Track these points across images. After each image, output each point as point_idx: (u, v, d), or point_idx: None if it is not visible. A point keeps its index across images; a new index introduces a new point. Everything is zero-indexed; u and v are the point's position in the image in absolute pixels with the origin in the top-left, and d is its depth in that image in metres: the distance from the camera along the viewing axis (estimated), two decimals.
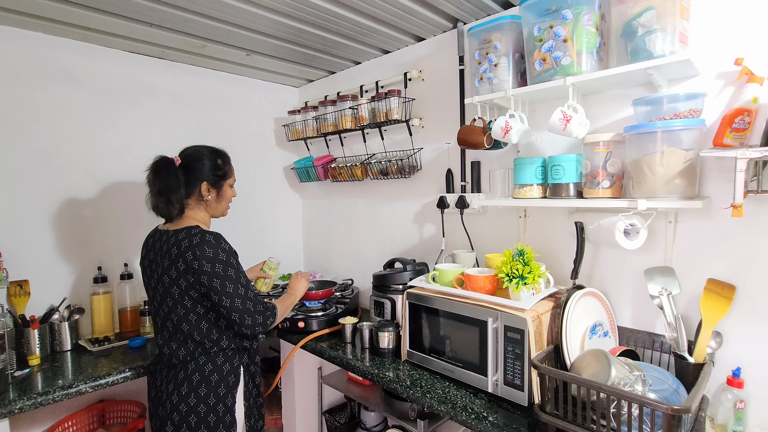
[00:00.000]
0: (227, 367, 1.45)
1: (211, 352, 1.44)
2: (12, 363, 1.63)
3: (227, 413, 1.42)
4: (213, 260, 1.37)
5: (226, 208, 1.62)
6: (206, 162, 1.52)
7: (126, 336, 2.01)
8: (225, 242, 1.44)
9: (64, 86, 1.98)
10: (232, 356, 1.48)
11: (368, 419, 2.17)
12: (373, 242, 2.47)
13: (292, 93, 2.90)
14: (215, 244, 1.40)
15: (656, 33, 1.22)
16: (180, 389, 1.39)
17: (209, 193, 1.52)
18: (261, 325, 1.45)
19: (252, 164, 2.68)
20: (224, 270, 1.39)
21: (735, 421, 1.23)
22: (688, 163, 1.23)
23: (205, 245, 1.38)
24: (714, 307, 1.27)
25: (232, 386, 1.45)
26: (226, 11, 1.74)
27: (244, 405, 1.50)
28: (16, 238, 1.86)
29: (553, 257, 1.68)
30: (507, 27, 1.53)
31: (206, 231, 1.43)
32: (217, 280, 1.37)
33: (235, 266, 1.43)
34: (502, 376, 1.39)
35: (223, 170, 1.56)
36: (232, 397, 1.44)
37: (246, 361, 1.54)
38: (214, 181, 1.53)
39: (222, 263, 1.39)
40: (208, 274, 1.36)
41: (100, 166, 2.08)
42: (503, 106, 1.70)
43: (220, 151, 1.59)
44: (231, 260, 1.42)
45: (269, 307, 1.50)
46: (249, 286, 1.46)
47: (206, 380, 1.40)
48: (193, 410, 1.37)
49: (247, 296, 1.43)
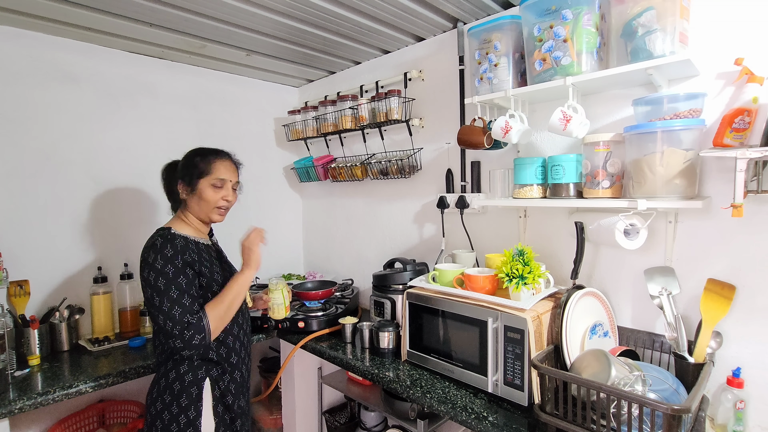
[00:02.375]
0: (189, 377, 1.34)
1: (176, 359, 1.36)
2: (12, 363, 1.63)
3: (189, 426, 1.32)
4: (150, 267, 1.30)
5: (209, 211, 1.45)
6: (184, 160, 1.47)
7: (126, 336, 2.01)
8: (172, 248, 1.32)
9: (64, 86, 1.98)
10: (198, 366, 1.36)
11: (368, 419, 2.17)
12: (373, 242, 2.47)
13: (292, 93, 2.90)
14: (159, 248, 1.31)
15: (656, 33, 1.22)
16: (152, 391, 1.37)
17: (183, 191, 1.45)
18: (183, 348, 1.27)
19: (252, 164, 2.67)
20: (155, 279, 1.29)
21: (735, 421, 1.23)
22: (688, 163, 1.23)
23: (150, 249, 1.32)
24: (714, 307, 1.27)
25: (195, 399, 1.34)
26: (226, 11, 1.74)
27: (214, 420, 1.37)
28: (16, 238, 1.86)
29: (553, 257, 1.68)
30: (507, 27, 1.53)
31: (163, 234, 1.35)
32: (148, 289, 1.30)
33: (169, 276, 1.29)
34: (502, 376, 1.39)
35: (199, 168, 1.43)
36: (195, 410, 1.33)
37: (215, 374, 1.39)
38: (188, 181, 1.43)
39: (156, 271, 1.29)
40: (144, 280, 1.31)
41: (100, 166, 2.08)
42: (503, 106, 1.70)
43: (205, 149, 1.49)
44: (167, 269, 1.29)
45: (192, 324, 1.28)
46: (180, 300, 1.28)
47: (169, 387, 1.34)
48: (159, 416, 1.33)
49: (170, 313, 1.27)
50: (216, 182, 1.44)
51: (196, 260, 1.38)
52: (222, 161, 1.48)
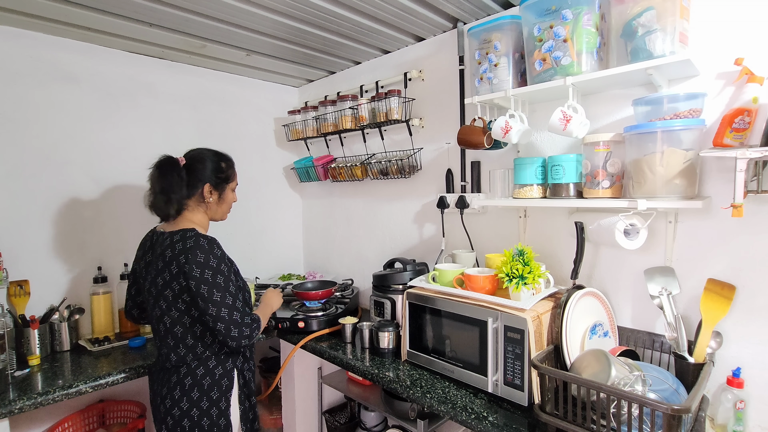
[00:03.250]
0: (219, 370, 1.43)
1: (203, 356, 1.42)
2: (12, 363, 1.63)
3: (221, 417, 1.40)
4: (203, 266, 1.35)
5: (226, 211, 1.61)
6: (209, 164, 1.52)
7: (126, 336, 2.01)
8: (218, 248, 1.41)
9: (64, 86, 1.98)
10: (225, 359, 1.45)
11: (368, 419, 2.17)
12: (373, 242, 2.47)
13: (292, 93, 2.90)
14: (208, 249, 1.37)
15: (656, 33, 1.22)
16: (173, 393, 1.38)
17: (211, 195, 1.51)
18: (247, 337, 1.39)
19: (252, 164, 2.68)
20: (213, 277, 1.35)
21: (735, 421, 1.23)
22: (688, 163, 1.23)
23: (198, 249, 1.36)
24: (714, 307, 1.27)
25: (225, 390, 1.43)
26: (226, 11, 1.74)
27: (239, 408, 1.47)
28: (16, 238, 1.86)
29: (553, 257, 1.68)
30: (507, 27, 1.53)
31: (201, 235, 1.41)
32: (205, 287, 1.34)
33: (225, 274, 1.39)
34: (502, 376, 1.39)
35: (227, 173, 1.56)
36: (226, 401, 1.42)
37: (240, 364, 1.50)
38: (216, 184, 1.52)
39: (212, 270, 1.36)
40: (196, 279, 1.34)
41: (100, 166, 2.08)
42: (503, 106, 1.70)
43: (225, 155, 1.60)
44: (221, 267, 1.38)
45: (255, 318, 1.45)
46: (238, 296, 1.42)
47: (198, 384, 1.39)
48: (186, 414, 1.36)
49: (235, 306, 1.38)
50: (235, 187, 1.62)
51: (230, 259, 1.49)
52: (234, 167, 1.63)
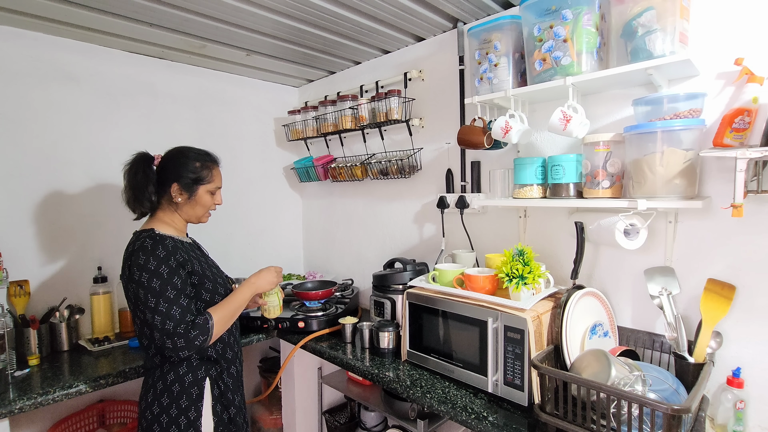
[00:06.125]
0: (189, 378, 1.34)
1: (175, 360, 1.34)
2: (12, 363, 1.63)
3: (190, 427, 1.32)
4: (142, 268, 1.27)
5: (202, 215, 1.49)
6: (181, 163, 1.44)
7: (126, 336, 2.01)
8: (164, 249, 1.31)
9: (64, 86, 1.98)
10: (197, 366, 1.36)
11: (368, 419, 2.17)
12: (373, 242, 2.47)
13: (292, 93, 2.90)
14: (150, 250, 1.29)
15: (656, 33, 1.22)
16: (147, 396, 1.35)
17: (180, 195, 1.43)
18: (184, 348, 1.26)
19: (252, 164, 2.68)
20: (149, 281, 1.27)
21: (735, 421, 1.23)
22: (688, 163, 1.23)
23: (140, 251, 1.29)
24: (714, 307, 1.27)
25: (195, 399, 1.33)
26: (226, 11, 1.74)
27: (213, 420, 1.37)
28: (17, 238, 1.86)
29: (553, 257, 1.68)
30: (507, 27, 1.53)
31: (152, 235, 1.33)
32: (141, 291, 1.26)
33: (164, 277, 1.28)
34: (502, 376, 1.39)
35: (199, 174, 1.45)
36: (196, 411, 1.33)
37: (214, 373, 1.40)
38: (186, 184, 1.43)
39: (149, 272, 1.27)
40: (135, 282, 1.28)
41: (100, 166, 2.08)
42: (503, 106, 1.70)
43: (205, 154, 1.49)
44: (161, 270, 1.28)
45: (198, 324, 1.29)
46: (177, 301, 1.28)
47: (168, 390, 1.32)
48: (156, 419, 1.31)
49: (169, 314, 1.26)
50: (213, 189, 1.49)
51: (187, 259, 1.37)
52: (217, 168, 1.52)
